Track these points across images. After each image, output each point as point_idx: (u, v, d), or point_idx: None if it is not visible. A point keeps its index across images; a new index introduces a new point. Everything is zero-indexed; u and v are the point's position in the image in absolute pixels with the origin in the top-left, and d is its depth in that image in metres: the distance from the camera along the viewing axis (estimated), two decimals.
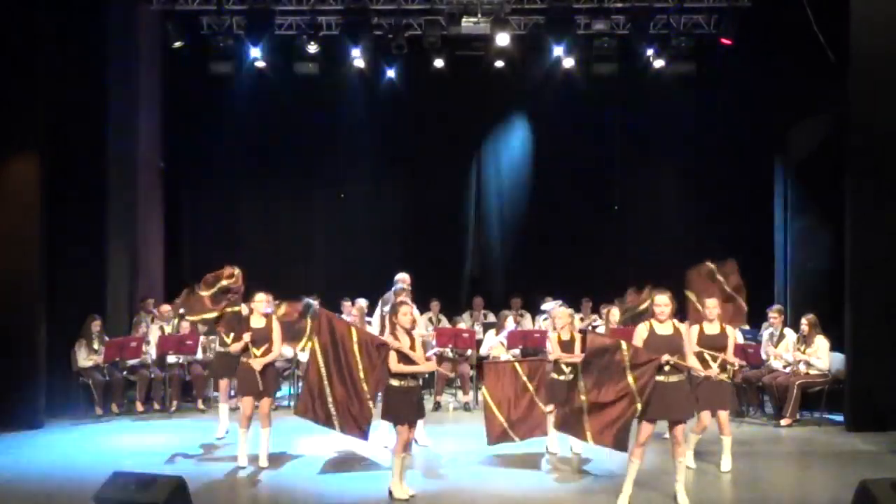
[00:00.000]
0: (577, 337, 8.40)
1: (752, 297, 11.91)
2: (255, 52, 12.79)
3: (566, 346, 8.22)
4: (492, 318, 12.56)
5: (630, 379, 6.29)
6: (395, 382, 6.81)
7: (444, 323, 12.22)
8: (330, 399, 7.01)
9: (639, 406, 6.28)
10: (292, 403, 10.90)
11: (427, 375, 10.06)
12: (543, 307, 11.88)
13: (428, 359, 7.03)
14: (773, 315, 10.29)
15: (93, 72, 10.78)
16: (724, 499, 7.02)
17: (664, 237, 14.05)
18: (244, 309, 8.67)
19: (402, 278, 9.81)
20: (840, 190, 9.70)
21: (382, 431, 8.22)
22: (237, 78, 13.22)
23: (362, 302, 10.84)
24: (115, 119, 11.56)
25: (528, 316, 12.58)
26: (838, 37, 9.71)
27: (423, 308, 11.83)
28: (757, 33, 12.35)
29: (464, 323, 12.46)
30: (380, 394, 7.32)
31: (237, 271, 8.89)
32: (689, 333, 7.07)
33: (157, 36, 12.80)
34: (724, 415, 7.57)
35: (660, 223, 14.22)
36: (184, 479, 5.80)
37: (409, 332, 6.91)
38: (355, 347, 6.99)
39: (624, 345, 6.39)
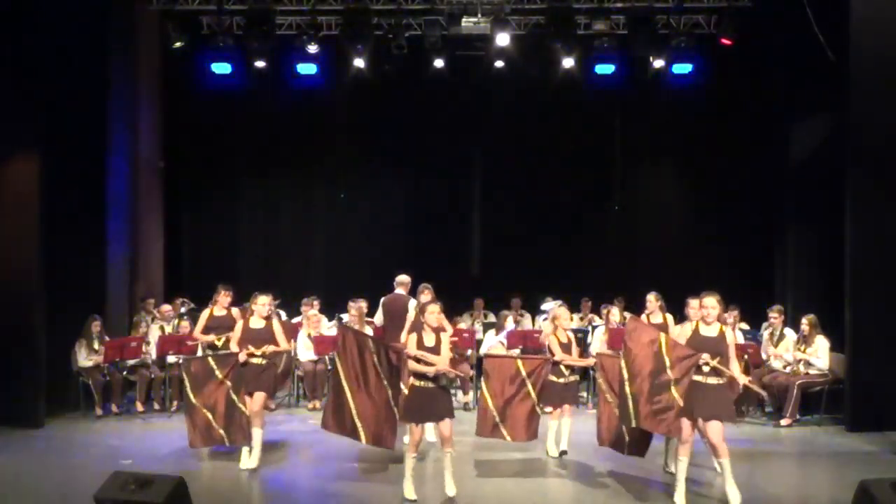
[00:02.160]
0: (573, 339, 8.39)
1: (752, 297, 11.98)
2: (255, 51, 12.77)
3: (565, 349, 8.18)
4: (492, 318, 12.58)
5: (670, 373, 6.48)
6: (416, 382, 6.85)
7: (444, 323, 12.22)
8: (355, 412, 7.04)
9: (676, 397, 6.44)
10: (292, 401, 10.95)
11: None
12: (543, 307, 11.90)
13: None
14: (773, 315, 10.28)
15: (93, 72, 10.78)
16: (725, 499, 7.02)
17: (664, 237, 14.07)
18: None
19: (403, 281, 9.82)
20: (840, 190, 9.70)
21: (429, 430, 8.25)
22: (237, 78, 13.21)
23: (362, 303, 10.84)
24: (115, 119, 11.57)
25: (528, 316, 12.59)
26: (838, 37, 9.70)
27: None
28: (757, 33, 12.35)
29: (464, 323, 12.46)
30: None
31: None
32: (681, 330, 7.03)
33: (157, 36, 12.81)
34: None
35: (660, 223, 14.24)
36: (184, 479, 5.79)
37: (436, 331, 6.94)
38: (374, 358, 7.06)
39: (662, 337, 6.62)
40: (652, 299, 9.18)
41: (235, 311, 9.37)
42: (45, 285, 9.53)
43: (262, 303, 8.04)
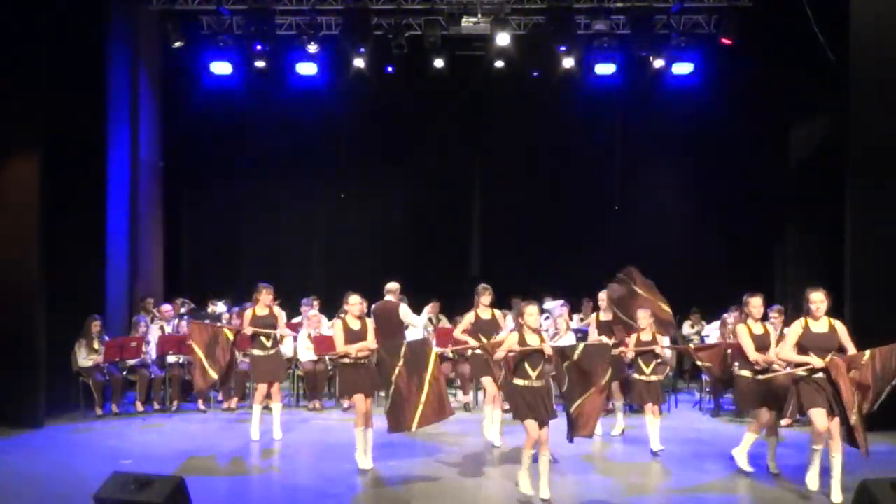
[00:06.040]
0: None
1: None
2: (255, 52, 12.77)
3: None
4: None
5: None
6: (519, 382, 6.74)
7: (444, 323, 12.21)
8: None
9: None
10: (292, 401, 10.94)
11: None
12: (544, 307, 11.89)
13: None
14: (774, 315, 10.24)
15: (92, 72, 10.79)
16: (725, 498, 7.03)
17: (664, 237, 14.06)
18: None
19: (392, 288, 9.89)
20: (840, 190, 9.70)
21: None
22: (237, 78, 13.22)
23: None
24: (115, 119, 11.57)
25: None
26: (838, 37, 9.70)
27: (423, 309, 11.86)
28: (757, 33, 12.35)
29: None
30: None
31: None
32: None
33: (157, 36, 12.81)
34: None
35: (660, 223, 14.23)
36: (184, 479, 5.79)
37: (536, 332, 6.86)
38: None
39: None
40: (605, 298, 9.48)
41: (278, 309, 9.31)
42: (45, 285, 9.53)
43: (355, 303, 7.97)
